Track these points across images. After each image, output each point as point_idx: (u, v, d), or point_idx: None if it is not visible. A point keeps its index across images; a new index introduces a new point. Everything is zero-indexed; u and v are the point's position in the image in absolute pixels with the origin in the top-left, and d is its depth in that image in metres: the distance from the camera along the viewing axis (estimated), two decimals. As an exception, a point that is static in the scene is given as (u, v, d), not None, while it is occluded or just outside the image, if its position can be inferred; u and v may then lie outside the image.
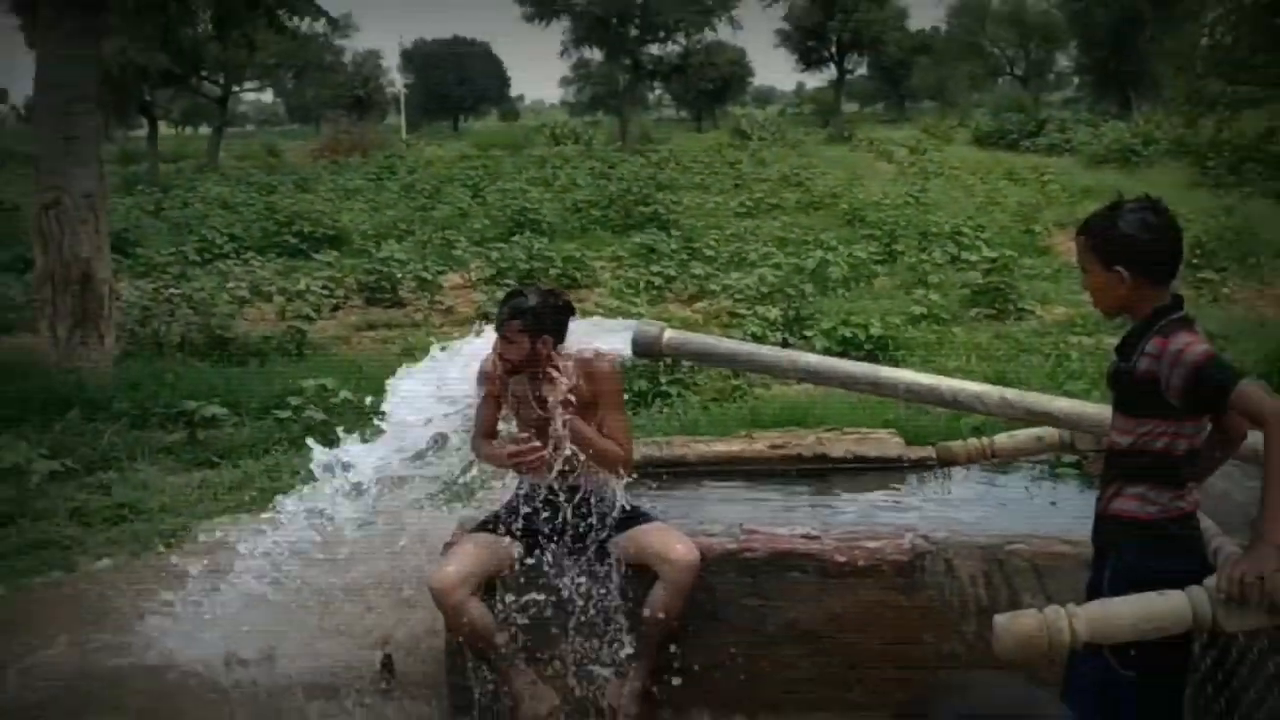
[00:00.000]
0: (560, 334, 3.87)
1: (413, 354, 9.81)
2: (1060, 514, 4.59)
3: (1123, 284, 2.72)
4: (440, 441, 4.27)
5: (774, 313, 10.50)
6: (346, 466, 4.30)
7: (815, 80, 56.72)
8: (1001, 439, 4.22)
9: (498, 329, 3.87)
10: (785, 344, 9.20)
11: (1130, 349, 2.73)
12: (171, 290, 11.29)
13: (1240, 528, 3.05)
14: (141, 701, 4.19)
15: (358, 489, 4.28)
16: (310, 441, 4.62)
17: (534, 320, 3.80)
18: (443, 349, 4.42)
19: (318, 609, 4.70)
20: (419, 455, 4.33)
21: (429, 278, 13.58)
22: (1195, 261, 12.00)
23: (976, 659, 3.71)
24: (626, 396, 4.58)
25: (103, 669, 4.40)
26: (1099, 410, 3.55)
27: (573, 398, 3.81)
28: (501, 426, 4.11)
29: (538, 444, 3.76)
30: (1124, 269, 2.71)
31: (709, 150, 33.74)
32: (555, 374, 3.80)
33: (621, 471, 3.99)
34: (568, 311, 3.92)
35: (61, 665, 4.44)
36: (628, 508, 3.98)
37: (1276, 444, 2.48)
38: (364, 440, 4.41)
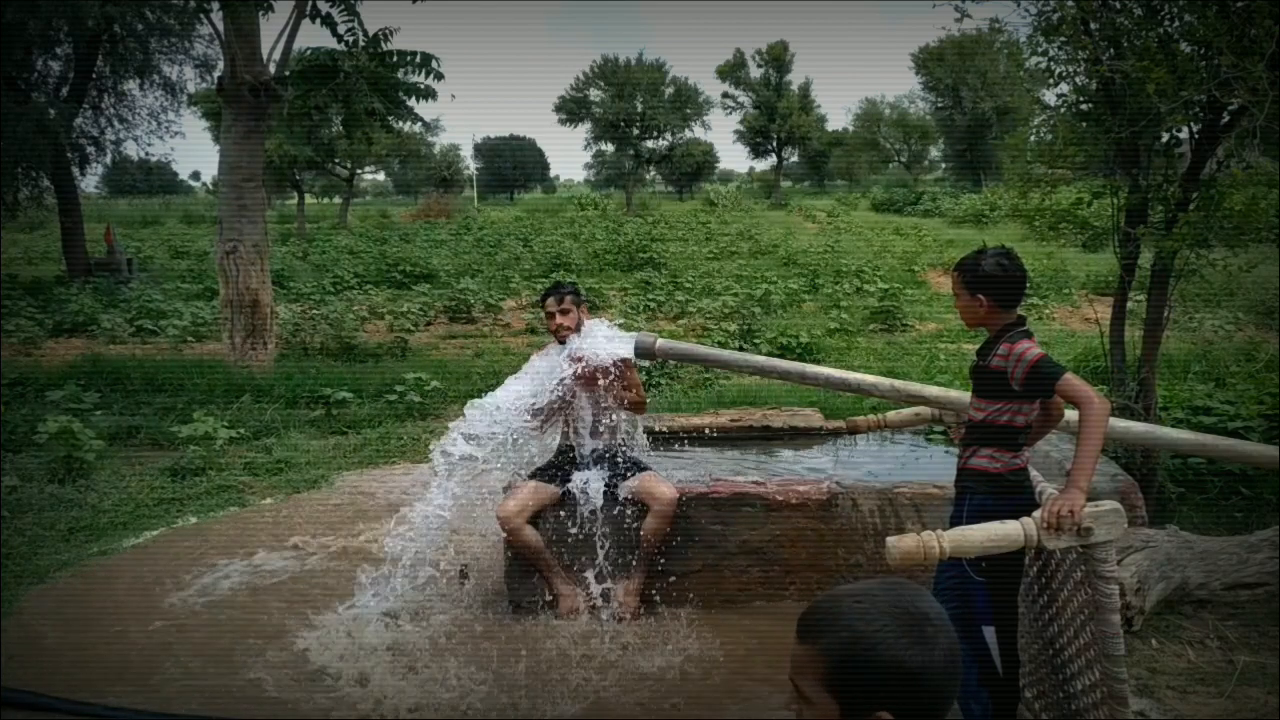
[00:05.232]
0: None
1: (481, 355, 9.86)
2: (932, 467, 4.59)
3: (982, 307, 2.71)
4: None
5: (733, 327, 10.47)
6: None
7: (762, 165, 56.50)
8: (891, 415, 4.21)
9: (542, 304, 4.06)
10: (741, 349, 9.18)
11: (987, 351, 2.73)
12: (314, 311, 11.27)
13: (1057, 476, 3.05)
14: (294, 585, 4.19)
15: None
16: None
17: (570, 294, 4.02)
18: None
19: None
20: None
21: (493, 302, 13.50)
22: (1026, 291, 12.03)
23: (873, 568, 3.73)
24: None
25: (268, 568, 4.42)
26: (960, 395, 3.55)
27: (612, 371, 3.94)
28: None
29: None
30: (984, 297, 2.70)
31: (688, 214, 33.62)
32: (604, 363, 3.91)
33: (642, 409, 4.16)
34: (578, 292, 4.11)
35: (239, 569, 4.44)
36: (631, 461, 3.97)
37: (1086, 418, 2.48)
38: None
